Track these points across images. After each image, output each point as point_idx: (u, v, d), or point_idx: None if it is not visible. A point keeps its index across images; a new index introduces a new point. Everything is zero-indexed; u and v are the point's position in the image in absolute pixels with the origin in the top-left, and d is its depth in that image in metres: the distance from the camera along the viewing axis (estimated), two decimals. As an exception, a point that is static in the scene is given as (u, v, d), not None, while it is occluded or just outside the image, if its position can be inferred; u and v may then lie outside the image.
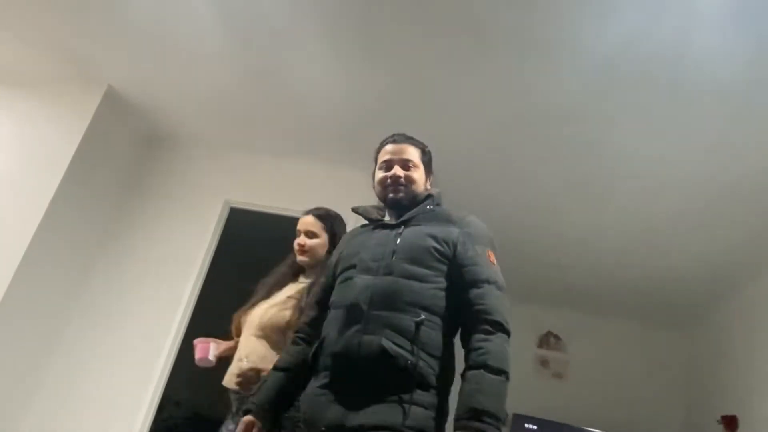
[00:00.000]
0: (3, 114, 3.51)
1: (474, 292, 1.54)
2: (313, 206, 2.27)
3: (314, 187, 3.68)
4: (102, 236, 3.63)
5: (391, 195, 1.74)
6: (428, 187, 1.81)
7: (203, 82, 3.27)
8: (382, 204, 1.83)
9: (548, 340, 5.15)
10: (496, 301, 1.54)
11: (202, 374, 2.31)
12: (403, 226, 1.67)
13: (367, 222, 1.83)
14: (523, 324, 5.17)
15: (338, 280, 1.70)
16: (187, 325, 3.49)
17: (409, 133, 1.85)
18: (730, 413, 3.76)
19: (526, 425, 4.60)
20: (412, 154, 1.78)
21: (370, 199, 3.70)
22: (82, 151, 3.35)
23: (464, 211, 1.75)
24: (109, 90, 3.46)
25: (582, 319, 5.16)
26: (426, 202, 1.75)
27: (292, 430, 1.70)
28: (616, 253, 4.02)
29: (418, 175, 1.77)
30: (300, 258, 2.16)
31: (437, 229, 1.64)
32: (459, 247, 1.61)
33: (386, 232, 1.69)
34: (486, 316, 1.50)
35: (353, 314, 1.53)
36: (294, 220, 2.13)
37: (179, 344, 3.44)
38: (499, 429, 1.38)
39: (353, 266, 1.65)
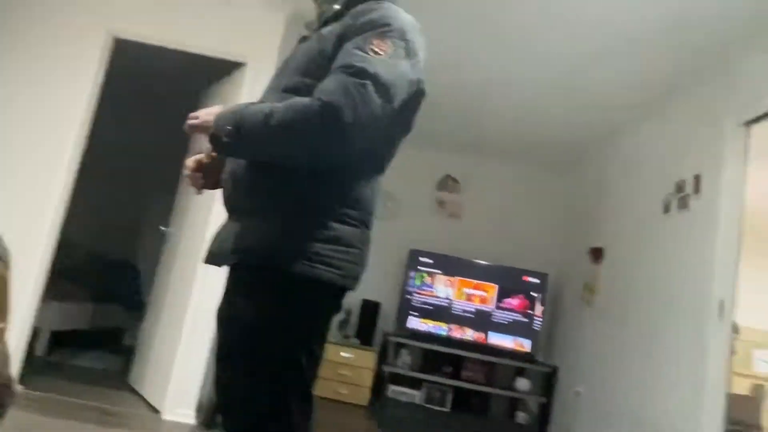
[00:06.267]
0: None
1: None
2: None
3: (211, 18, 3.38)
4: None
5: None
6: None
7: None
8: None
9: (447, 183, 5.42)
10: (333, 83, 1.18)
11: (96, 218, 2.26)
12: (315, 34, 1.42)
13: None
14: (423, 168, 5.40)
15: None
16: (77, 168, 3.31)
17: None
18: (597, 246, 4.28)
19: (421, 258, 4.99)
20: None
21: (271, 35, 3.53)
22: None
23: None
24: None
25: (479, 163, 5.46)
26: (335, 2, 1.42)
27: None
28: (515, 102, 4.15)
29: None
30: None
31: (330, 29, 1.34)
32: (340, 45, 1.29)
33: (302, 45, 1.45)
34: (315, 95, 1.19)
35: None
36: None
37: (71, 187, 3.29)
38: (225, 131, 1.20)
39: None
